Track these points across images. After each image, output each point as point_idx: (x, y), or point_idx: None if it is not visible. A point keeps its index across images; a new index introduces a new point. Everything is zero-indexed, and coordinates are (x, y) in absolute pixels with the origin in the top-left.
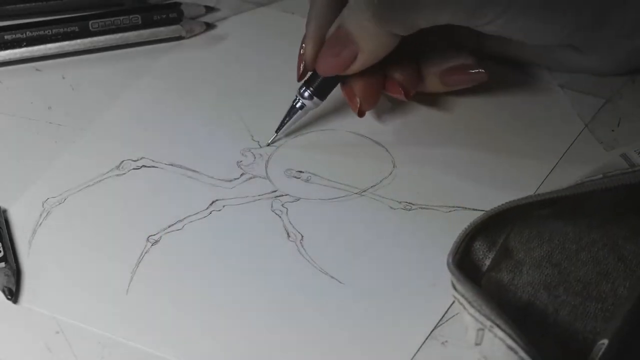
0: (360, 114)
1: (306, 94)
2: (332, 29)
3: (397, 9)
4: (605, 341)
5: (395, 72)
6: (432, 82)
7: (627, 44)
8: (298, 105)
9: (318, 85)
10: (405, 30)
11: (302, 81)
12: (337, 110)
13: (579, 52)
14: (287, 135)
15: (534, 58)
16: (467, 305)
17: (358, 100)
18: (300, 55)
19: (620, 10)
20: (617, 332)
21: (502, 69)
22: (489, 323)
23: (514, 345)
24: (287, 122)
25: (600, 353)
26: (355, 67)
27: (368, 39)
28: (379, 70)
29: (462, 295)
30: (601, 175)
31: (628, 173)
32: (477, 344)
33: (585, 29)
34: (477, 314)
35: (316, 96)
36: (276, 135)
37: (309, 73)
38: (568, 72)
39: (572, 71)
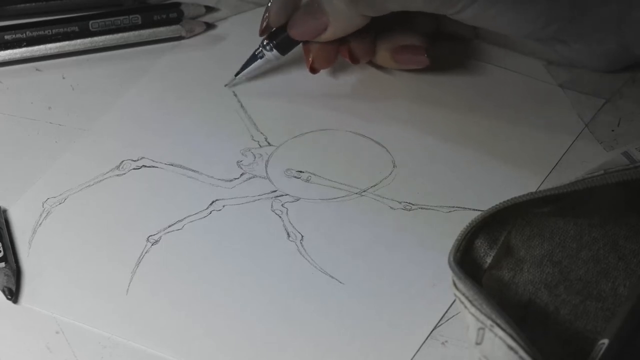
0: (312, 70)
1: (268, 46)
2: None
3: None
4: (606, 341)
5: (351, 39)
6: (383, 57)
7: (614, 39)
8: (257, 53)
9: (280, 40)
10: (375, 13)
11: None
12: (337, 110)
13: (565, 45)
14: (249, 80)
15: (519, 47)
16: (468, 304)
17: (311, 58)
18: (265, 12)
19: (599, 3)
20: (617, 332)
21: (502, 70)
22: (489, 322)
23: (514, 344)
24: (246, 68)
25: (601, 353)
26: (324, 37)
27: (338, 16)
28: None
29: (463, 294)
30: (602, 172)
31: (629, 169)
32: (477, 344)
33: (563, 20)
34: (477, 313)
35: (276, 49)
36: (234, 79)
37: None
38: (561, 64)
39: (564, 63)
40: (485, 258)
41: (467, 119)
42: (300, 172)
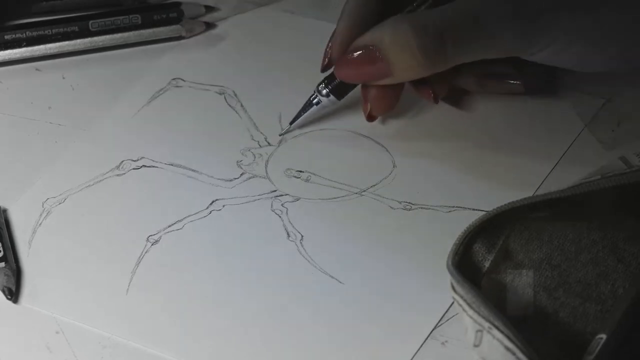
0: (369, 118)
1: (324, 91)
2: (365, 40)
3: (448, 57)
4: (603, 336)
5: (430, 78)
6: (468, 81)
7: None
8: (314, 101)
9: (337, 84)
10: (446, 67)
11: (324, 75)
12: (337, 110)
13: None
14: (300, 128)
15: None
16: (466, 307)
17: (369, 105)
18: (327, 46)
19: None
20: (615, 327)
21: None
22: (487, 324)
23: (512, 346)
24: (301, 116)
25: (598, 348)
26: (381, 83)
27: (404, 67)
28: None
29: (461, 297)
30: (599, 177)
31: (626, 173)
32: (475, 346)
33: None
34: (475, 316)
35: (333, 95)
36: (289, 127)
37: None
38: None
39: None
40: (483, 262)
41: (467, 119)
42: (300, 172)
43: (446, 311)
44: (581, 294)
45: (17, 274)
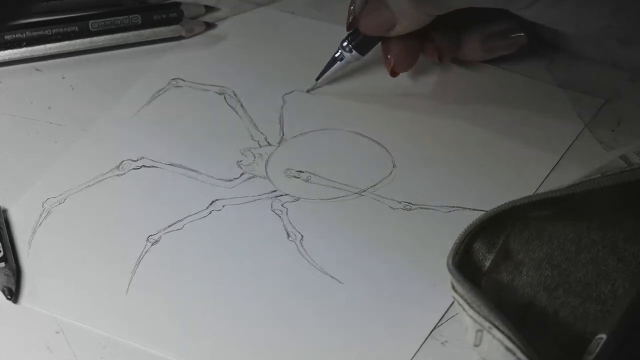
0: (392, 74)
1: (347, 47)
2: None
3: None
4: (603, 336)
5: (434, 36)
6: (472, 49)
7: None
8: (337, 55)
9: (359, 40)
10: (439, 11)
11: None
12: (337, 110)
13: (628, 47)
14: (328, 83)
15: (576, 45)
16: (466, 307)
17: (392, 60)
18: (350, 5)
19: None
20: (615, 327)
21: (501, 70)
22: (487, 324)
23: (512, 346)
24: (326, 72)
25: (598, 348)
26: (393, 33)
27: (403, 14)
28: (418, 35)
29: (462, 297)
30: (599, 175)
31: (626, 171)
32: (476, 345)
33: (631, 19)
34: (475, 315)
35: (356, 50)
36: (316, 84)
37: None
38: (615, 65)
39: (622, 67)
40: (484, 262)
41: (467, 119)
42: (300, 172)
43: (446, 311)
44: (581, 293)
45: (17, 274)
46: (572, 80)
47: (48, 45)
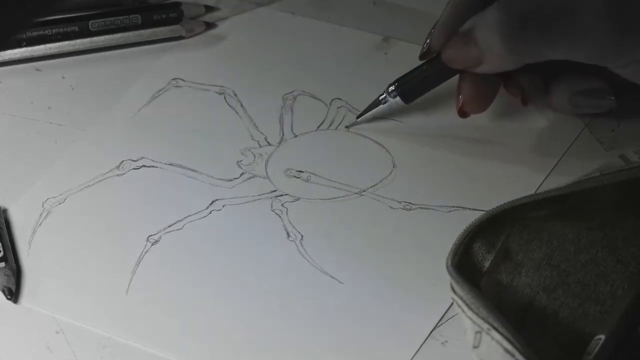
0: (461, 114)
1: (392, 93)
2: (467, 26)
3: (529, 42)
4: (602, 336)
5: (519, 78)
6: (560, 101)
7: None
8: (381, 98)
9: (407, 87)
10: (532, 60)
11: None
12: (337, 109)
13: None
14: (367, 122)
15: None
16: (465, 308)
17: (462, 100)
18: (427, 37)
19: None
20: (614, 327)
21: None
22: (486, 326)
23: (511, 348)
24: (368, 112)
25: (597, 349)
26: (477, 71)
27: (493, 56)
28: (497, 76)
29: (460, 298)
30: (598, 174)
31: (625, 170)
32: (475, 347)
33: None
34: (475, 317)
35: (400, 97)
36: (356, 121)
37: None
38: None
39: None
40: (483, 262)
41: (467, 119)
42: (300, 172)
43: (446, 311)
44: (580, 294)
45: (17, 274)
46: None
47: (48, 45)
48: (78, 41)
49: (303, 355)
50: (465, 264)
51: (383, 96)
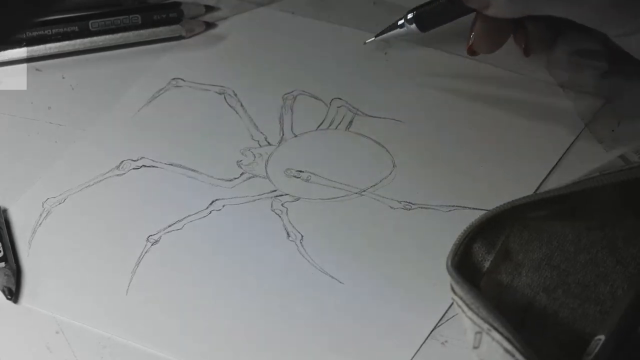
0: (469, 51)
1: (410, 19)
2: None
3: None
4: (602, 337)
5: (528, 25)
6: (558, 57)
7: None
8: (399, 22)
9: (425, 16)
10: (530, 12)
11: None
12: (337, 109)
13: None
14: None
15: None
16: (465, 308)
17: (473, 38)
18: None
19: None
20: (613, 327)
21: (501, 70)
22: (486, 326)
23: (511, 348)
24: (385, 33)
25: (597, 349)
26: (487, 13)
27: (497, 1)
28: (511, 22)
29: (461, 298)
30: (598, 174)
31: (625, 170)
32: (475, 347)
33: None
34: (475, 317)
35: (416, 24)
36: (373, 40)
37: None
38: None
39: None
40: (483, 262)
41: (467, 119)
42: (300, 171)
43: (446, 311)
44: (580, 294)
45: (17, 274)
46: (572, 80)
47: (48, 45)
48: (78, 41)
49: (303, 355)
50: (465, 264)
51: (401, 21)
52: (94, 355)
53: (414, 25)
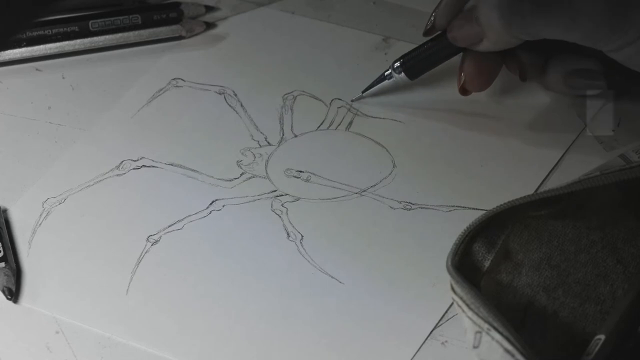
0: (461, 91)
1: (397, 70)
2: (470, 4)
3: (526, 18)
4: (602, 336)
5: (520, 55)
6: (555, 79)
7: None
8: (387, 74)
9: (412, 63)
10: (529, 37)
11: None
12: (337, 109)
13: None
14: (371, 97)
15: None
16: (466, 308)
17: (463, 78)
18: (431, 14)
19: None
20: (613, 327)
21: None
22: (486, 326)
23: (511, 348)
24: (373, 87)
25: (597, 348)
26: (480, 49)
27: (492, 33)
28: (500, 55)
29: (461, 298)
30: (598, 173)
31: (625, 169)
32: (475, 347)
33: None
34: (475, 317)
35: (405, 73)
36: (361, 96)
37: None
38: None
39: None
40: (483, 262)
41: (467, 119)
42: (300, 172)
43: (446, 311)
44: (580, 294)
45: (17, 274)
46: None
47: (48, 45)
48: (78, 41)
49: (303, 355)
50: (465, 264)
51: (388, 72)
52: (94, 355)
53: (402, 74)
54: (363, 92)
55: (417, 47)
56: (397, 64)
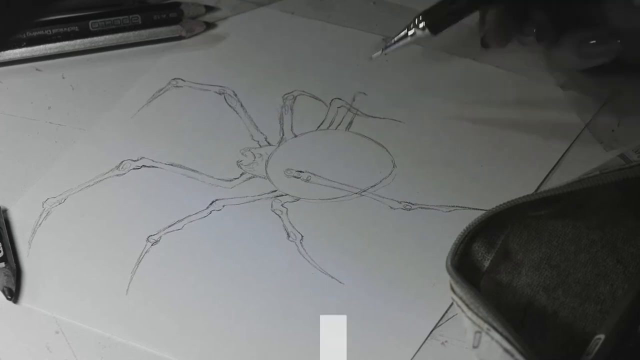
0: (482, 43)
1: (421, 24)
2: None
3: None
4: (602, 336)
5: (533, 15)
6: (569, 49)
7: None
8: (410, 33)
9: (435, 19)
10: None
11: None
12: (337, 109)
13: None
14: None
15: None
16: (465, 308)
17: (484, 31)
18: None
19: None
20: (613, 327)
21: (502, 70)
22: (486, 326)
23: (510, 348)
24: (395, 45)
25: (597, 348)
26: None
27: None
28: (517, 15)
29: (460, 298)
30: (598, 172)
31: (625, 169)
32: (474, 347)
33: None
34: (474, 317)
35: (428, 28)
36: (382, 52)
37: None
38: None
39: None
40: (483, 262)
41: (467, 119)
42: (300, 172)
43: (446, 311)
44: (580, 294)
45: (17, 274)
46: (572, 80)
47: (48, 45)
48: (78, 41)
49: (302, 355)
50: (465, 264)
51: (411, 30)
52: (94, 355)
53: (426, 31)
54: (384, 49)
55: (438, 3)
56: (418, 19)
